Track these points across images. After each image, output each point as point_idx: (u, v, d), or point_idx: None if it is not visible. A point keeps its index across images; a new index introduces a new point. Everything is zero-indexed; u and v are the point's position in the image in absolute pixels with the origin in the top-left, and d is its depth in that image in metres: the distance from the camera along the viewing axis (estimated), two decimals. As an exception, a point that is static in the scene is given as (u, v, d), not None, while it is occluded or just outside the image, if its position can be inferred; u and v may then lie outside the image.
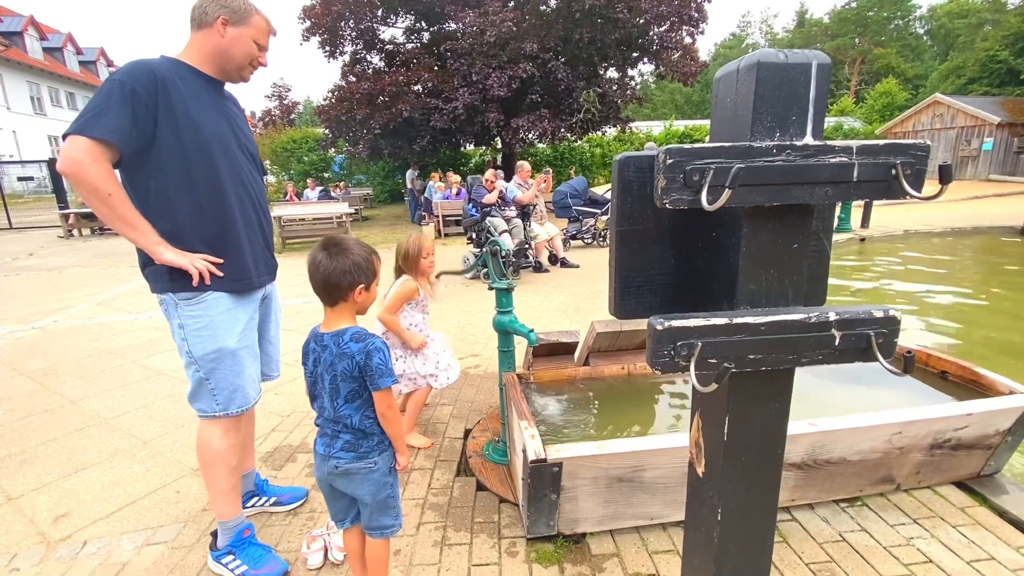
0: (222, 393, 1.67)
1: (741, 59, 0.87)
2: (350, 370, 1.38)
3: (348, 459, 1.41)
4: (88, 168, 1.42)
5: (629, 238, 1.01)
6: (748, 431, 0.98)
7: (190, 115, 1.54)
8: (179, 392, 3.33)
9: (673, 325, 0.85)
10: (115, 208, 1.48)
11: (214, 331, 1.63)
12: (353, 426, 1.41)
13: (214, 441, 1.71)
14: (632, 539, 1.85)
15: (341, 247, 1.42)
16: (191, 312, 1.61)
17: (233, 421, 1.73)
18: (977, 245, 8.86)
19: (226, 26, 1.61)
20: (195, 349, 1.63)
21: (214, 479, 1.73)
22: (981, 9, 35.87)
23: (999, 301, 5.59)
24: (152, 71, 1.49)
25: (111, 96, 1.44)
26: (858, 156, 0.84)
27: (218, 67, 1.67)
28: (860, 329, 0.90)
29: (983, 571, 1.68)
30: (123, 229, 1.51)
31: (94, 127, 1.42)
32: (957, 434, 1.92)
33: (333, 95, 13.93)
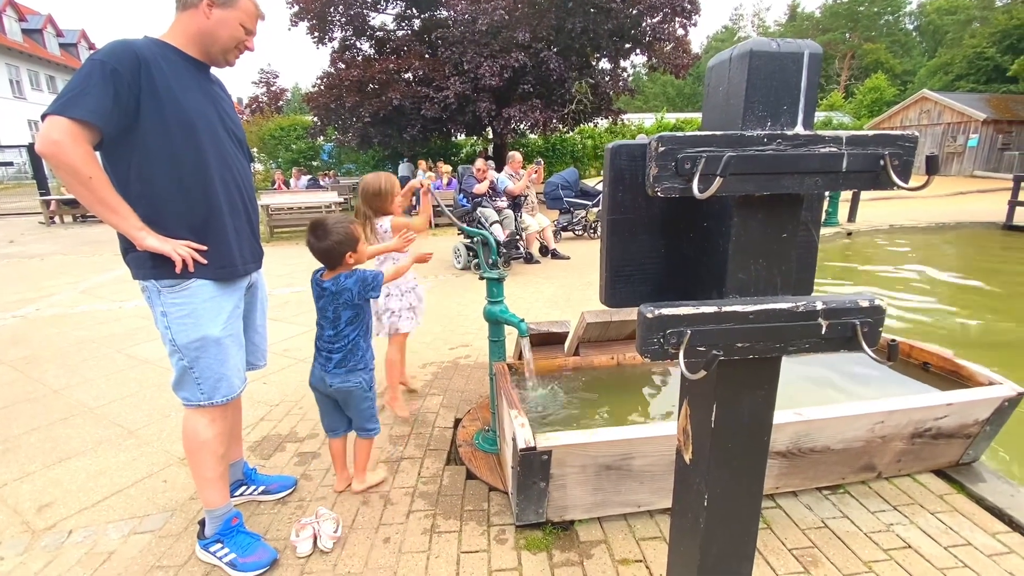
0: (207, 382, 1.65)
1: (734, 48, 0.87)
2: (350, 300, 1.85)
3: (337, 377, 1.91)
4: (68, 150, 1.38)
5: (620, 227, 1.01)
6: (735, 418, 1.00)
7: (174, 96, 1.50)
8: (165, 381, 3.30)
9: (663, 313, 0.86)
10: (95, 191, 1.44)
11: (198, 319, 1.60)
12: (349, 343, 1.89)
13: (200, 430, 1.69)
14: (619, 526, 1.87)
15: (324, 229, 1.82)
16: (174, 299, 1.58)
17: (219, 410, 1.71)
18: (961, 240, 9.01)
19: (212, 7, 1.57)
20: (178, 337, 1.60)
21: (201, 468, 1.72)
22: (970, 6, 36.20)
23: (982, 294, 5.70)
24: (134, 51, 1.44)
25: (91, 76, 1.39)
26: (847, 146, 0.84)
27: (203, 49, 1.62)
28: (846, 318, 0.91)
29: (960, 556, 1.73)
30: (104, 213, 1.48)
31: (74, 107, 1.37)
32: (937, 423, 1.97)
33: (322, 82, 13.73)
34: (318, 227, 1.83)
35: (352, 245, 1.84)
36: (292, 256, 7.91)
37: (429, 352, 3.66)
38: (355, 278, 1.86)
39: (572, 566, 1.70)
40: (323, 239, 1.81)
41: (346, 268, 1.88)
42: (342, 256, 1.84)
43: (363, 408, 2.00)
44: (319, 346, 1.96)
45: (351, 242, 1.83)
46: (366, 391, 1.97)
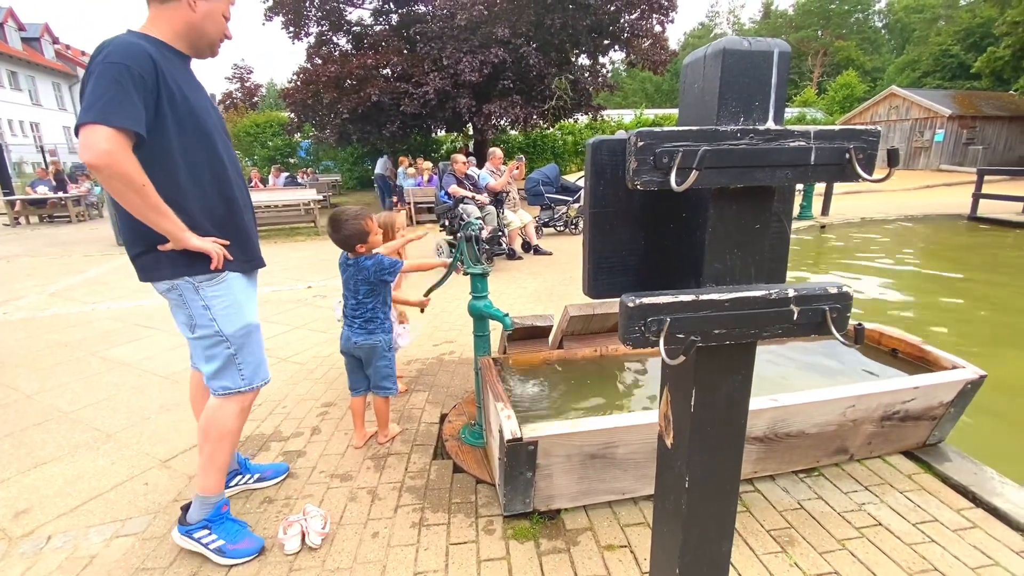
0: (248, 367, 1.72)
1: (708, 46, 0.91)
2: (368, 277, 2.19)
3: (361, 336, 2.25)
4: (121, 159, 1.36)
5: (602, 220, 1.04)
6: (713, 403, 1.04)
7: (187, 98, 1.52)
8: (143, 384, 3.24)
9: (644, 302, 0.89)
10: (148, 197, 1.43)
11: (240, 308, 1.67)
12: (367, 310, 2.24)
13: (228, 419, 1.73)
14: (604, 513, 1.92)
15: (337, 224, 2.14)
16: (215, 292, 1.63)
17: (251, 397, 1.78)
18: (928, 231, 9.33)
19: (197, 1, 1.56)
20: (225, 327, 1.65)
21: (217, 456, 1.74)
22: (936, 4, 37.30)
23: (948, 282, 5.92)
24: (148, 54, 1.43)
25: (123, 83, 1.37)
26: (815, 140, 0.89)
27: (190, 44, 1.62)
28: (816, 304, 0.96)
29: (927, 532, 1.81)
30: (153, 218, 1.47)
31: (116, 116, 1.35)
32: (905, 406, 2.05)
33: (298, 78, 13.50)
34: (334, 220, 2.14)
35: (362, 238, 2.15)
36: (271, 255, 7.73)
37: (413, 349, 3.66)
38: (374, 260, 2.18)
39: (559, 553, 1.74)
40: (337, 232, 2.15)
41: (362, 252, 2.19)
42: (353, 247, 2.17)
43: (381, 366, 2.30)
44: (346, 312, 2.31)
45: (360, 235, 2.14)
46: (385, 350, 2.29)
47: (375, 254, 2.24)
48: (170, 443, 2.54)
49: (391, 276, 2.20)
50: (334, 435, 2.55)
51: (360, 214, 2.16)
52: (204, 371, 1.71)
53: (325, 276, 6.30)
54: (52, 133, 28.63)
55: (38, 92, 28.70)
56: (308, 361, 3.54)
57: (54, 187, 13.33)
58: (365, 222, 2.14)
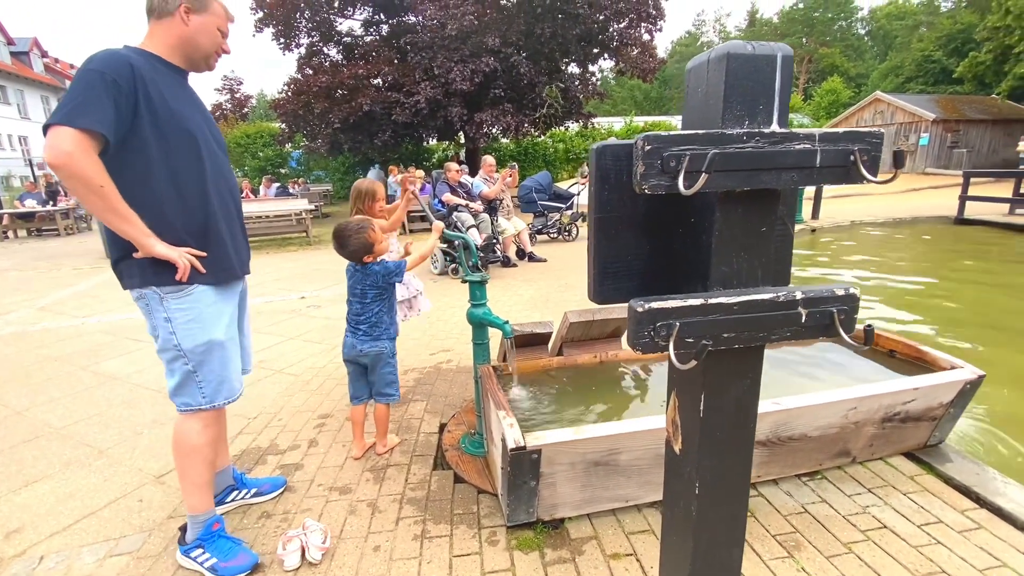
0: (209, 385, 1.67)
1: (711, 50, 0.91)
2: (375, 282, 2.22)
3: (365, 342, 2.25)
4: (80, 159, 1.36)
5: (606, 225, 1.03)
6: (722, 407, 1.03)
7: (169, 106, 1.52)
8: (135, 398, 3.19)
9: (652, 307, 0.89)
10: (107, 199, 1.42)
11: (203, 323, 1.63)
12: (373, 316, 2.25)
13: (192, 436, 1.70)
14: (609, 521, 1.90)
15: (342, 239, 2.18)
16: (179, 305, 1.59)
17: (214, 415, 1.73)
18: (917, 234, 9.44)
19: (189, 14, 1.59)
20: (184, 342, 1.61)
21: (190, 473, 1.71)
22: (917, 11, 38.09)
23: (940, 283, 5.98)
24: (128, 62, 1.45)
25: (93, 86, 1.39)
26: (820, 143, 0.89)
27: (185, 57, 1.64)
28: (824, 307, 0.96)
29: (932, 533, 1.81)
30: (115, 222, 1.47)
31: (80, 117, 1.36)
32: (905, 407, 2.06)
33: (289, 88, 13.51)
34: (339, 235, 2.19)
35: (367, 250, 2.19)
36: (263, 266, 7.73)
37: (410, 358, 3.63)
38: (381, 267, 2.22)
39: (564, 563, 1.71)
40: (343, 247, 2.19)
41: (369, 260, 2.23)
42: (360, 259, 2.22)
43: (385, 372, 2.30)
44: (349, 320, 2.30)
45: (365, 248, 2.19)
46: (389, 357, 2.30)
47: (381, 260, 2.26)
48: (163, 458, 2.49)
49: (398, 278, 2.25)
50: (332, 447, 2.52)
51: (363, 227, 2.18)
52: (167, 385, 1.69)
53: (318, 286, 6.26)
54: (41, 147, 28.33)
55: (27, 105, 28.48)
56: (303, 372, 3.50)
57: (44, 200, 13.19)
58: (368, 234, 2.17)
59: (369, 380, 2.35)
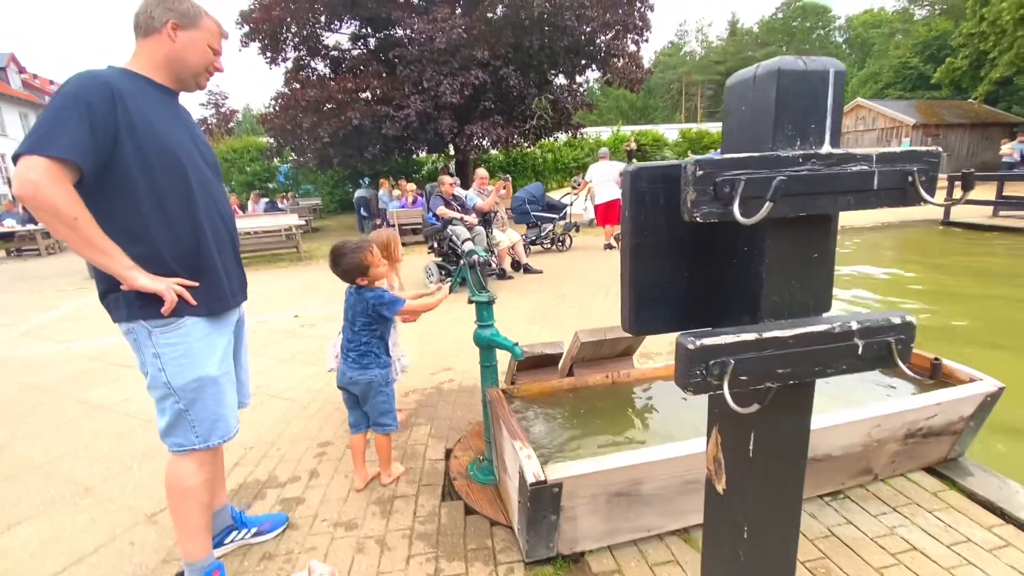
0: (202, 424, 1.57)
1: (757, 66, 0.85)
2: (366, 309, 2.12)
3: (354, 370, 2.15)
4: (47, 190, 1.27)
5: (643, 251, 0.97)
6: (773, 445, 0.96)
7: (152, 128, 1.42)
8: (124, 430, 3.05)
9: (705, 344, 0.82)
10: (81, 232, 1.33)
11: (193, 359, 1.52)
12: (361, 344, 2.15)
13: (187, 477, 1.59)
14: (631, 553, 1.82)
15: (337, 258, 2.11)
16: (168, 340, 1.49)
17: (209, 454, 1.62)
18: (906, 237, 9.55)
19: (176, 31, 1.51)
20: (174, 379, 1.51)
21: (185, 518, 1.60)
22: (892, 19, 39.09)
23: (931, 288, 6.01)
24: (106, 82, 1.35)
25: (63, 110, 1.30)
26: (878, 164, 0.83)
27: (173, 75, 1.56)
28: (880, 336, 0.90)
29: (963, 554, 1.75)
30: (92, 254, 1.37)
31: (49, 145, 1.27)
32: (928, 423, 2.01)
33: (277, 103, 13.39)
34: (334, 254, 2.12)
35: (362, 271, 2.10)
36: (253, 283, 7.54)
37: (411, 379, 3.53)
38: (375, 294, 2.11)
39: (588, 601, 1.63)
40: (336, 265, 2.12)
41: (364, 283, 2.14)
42: (353, 279, 2.13)
43: (379, 401, 2.20)
44: (342, 345, 2.23)
45: (359, 268, 2.09)
46: (382, 385, 2.19)
47: (378, 287, 2.17)
48: (156, 495, 2.36)
49: (389, 312, 2.12)
50: (334, 478, 2.41)
51: (360, 247, 2.11)
52: (158, 425, 1.59)
53: (312, 304, 6.13)
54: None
55: (4, 123, 27.94)
56: (300, 396, 3.38)
57: (24, 219, 12.88)
58: (364, 255, 2.08)
59: (364, 409, 2.25)
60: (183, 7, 1.51)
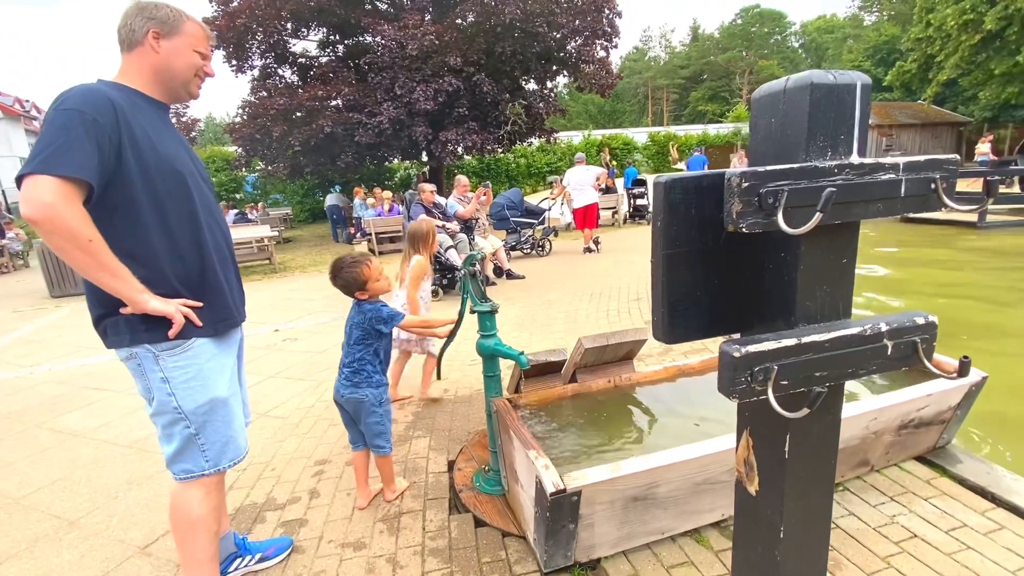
0: (212, 448, 1.52)
1: (786, 79, 0.88)
2: (362, 323, 2.11)
3: (346, 388, 2.13)
4: (64, 212, 1.21)
5: (676, 261, 0.98)
6: (807, 446, 0.99)
7: (154, 145, 1.38)
8: (104, 456, 2.91)
9: (750, 351, 0.83)
10: (97, 256, 1.27)
11: (204, 380, 1.47)
12: (355, 360, 2.12)
13: (194, 506, 1.53)
14: (646, 556, 1.83)
15: (336, 272, 2.10)
16: (177, 363, 1.44)
17: (217, 479, 1.57)
18: (867, 233, 9.94)
19: (159, 40, 1.45)
20: (185, 403, 1.45)
21: (192, 549, 1.54)
22: (844, 25, 40.83)
23: (893, 279, 6.28)
24: (108, 99, 1.30)
25: (72, 128, 1.23)
26: (904, 172, 0.87)
27: (163, 86, 1.50)
28: (907, 337, 0.93)
29: (961, 539, 1.83)
30: (104, 279, 1.31)
31: (61, 164, 1.20)
32: (919, 413, 2.09)
33: (244, 111, 13.08)
34: (333, 268, 2.12)
35: (360, 285, 2.09)
36: (228, 298, 7.34)
37: (404, 388, 3.48)
38: (374, 307, 2.11)
39: (609, 608, 1.63)
40: (335, 278, 2.12)
41: (364, 297, 2.13)
42: (352, 293, 2.12)
43: (372, 422, 2.15)
44: (340, 361, 2.20)
45: (357, 282, 2.08)
46: (375, 405, 2.14)
47: (378, 300, 2.15)
48: (147, 525, 2.26)
49: (386, 327, 2.11)
50: (336, 496, 2.35)
51: (357, 261, 2.09)
52: (164, 452, 1.52)
53: (291, 317, 5.99)
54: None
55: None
56: (291, 414, 3.29)
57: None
58: (361, 269, 2.07)
59: (360, 428, 2.20)
60: (161, 14, 1.45)
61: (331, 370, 4.03)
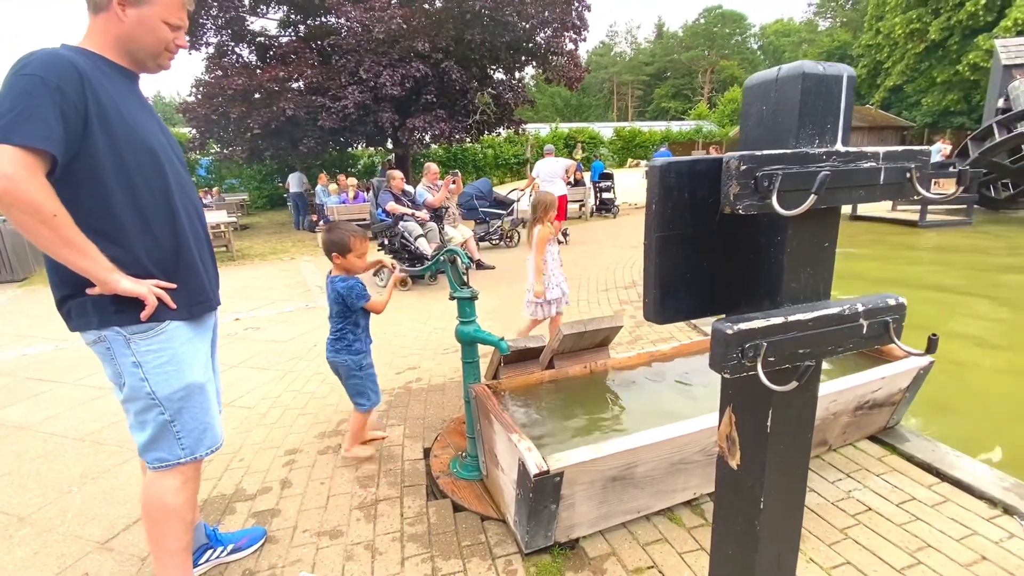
0: (189, 435, 1.46)
1: (778, 68, 0.91)
2: (335, 298, 2.28)
3: (330, 353, 2.36)
4: (25, 184, 1.12)
5: (669, 244, 1.01)
6: (787, 420, 1.04)
7: (123, 117, 1.29)
8: (53, 450, 2.75)
9: (742, 328, 0.87)
10: (61, 231, 1.19)
11: (179, 365, 1.41)
12: (336, 330, 2.34)
13: (170, 496, 1.47)
14: (622, 535, 1.88)
15: (331, 228, 2.29)
16: (150, 346, 1.37)
17: (194, 468, 1.52)
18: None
19: (125, 8, 1.35)
20: (159, 389, 1.39)
21: (165, 540, 1.49)
22: (800, 29, 42.40)
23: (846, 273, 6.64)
24: (74, 65, 1.21)
25: (34, 95, 1.14)
26: (883, 161, 0.92)
27: (129, 56, 1.41)
28: (880, 317, 0.99)
29: (910, 510, 1.97)
30: (70, 256, 1.22)
31: (20, 132, 1.12)
32: (873, 395, 2.23)
33: (198, 91, 12.45)
34: (330, 224, 2.37)
35: (339, 249, 2.23)
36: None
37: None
38: (346, 283, 2.26)
39: (589, 585, 1.67)
40: (327, 234, 2.28)
41: (339, 267, 2.29)
42: (330, 255, 2.26)
43: (351, 383, 2.39)
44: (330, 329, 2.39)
45: (338, 245, 2.23)
46: (354, 369, 2.35)
47: (351, 277, 2.30)
48: (105, 519, 2.16)
49: (352, 303, 2.28)
50: (309, 485, 2.31)
51: (355, 231, 2.27)
52: (135, 440, 1.46)
53: (252, 306, 5.80)
54: None
55: None
56: (257, 404, 3.20)
57: None
58: (351, 238, 2.24)
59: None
60: None
61: (297, 360, 3.94)
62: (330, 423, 2.86)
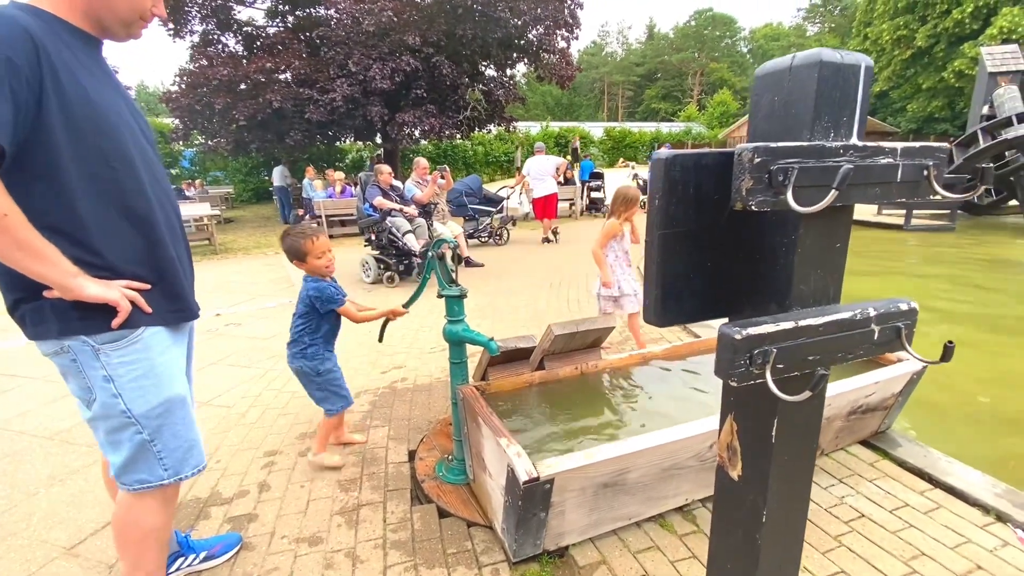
0: (172, 455, 1.31)
1: (792, 56, 0.85)
2: (304, 298, 2.19)
3: (288, 358, 2.26)
4: None
5: (672, 241, 0.95)
6: (792, 430, 0.99)
7: (86, 94, 1.12)
8: (20, 450, 2.62)
9: (750, 333, 0.81)
10: (13, 232, 1.03)
11: (158, 378, 1.26)
12: (295, 331, 2.23)
13: (147, 518, 1.34)
14: (612, 543, 1.83)
15: (284, 235, 2.19)
16: (123, 357, 1.22)
17: (175, 489, 1.38)
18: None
19: None
20: (135, 406, 1.24)
21: (138, 560, 1.38)
22: (789, 34, 42.85)
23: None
24: (25, 30, 1.03)
25: None
26: (902, 157, 0.87)
27: (94, 20, 1.21)
28: (892, 322, 0.94)
29: (904, 517, 1.94)
30: (24, 261, 1.07)
31: None
32: (866, 400, 2.20)
33: (183, 80, 12.16)
34: (284, 231, 2.22)
35: (296, 255, 2.15)
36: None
37: (360, 378, 3.35)
38: (316, 286, 2.18)
39: (578, 596, 1.61)
40: (281, 241, 2.19)
41: (303, 269, 2.21)
42: (291, 260, 2.20)
43: (310, 390, 2.31)
44: None
45: (294, 252, 2.15)
46: (312, 376, 2.25)
47: (323, 280, 2.22)
48: (72, 523, 2.05)
49: (322, 306, 2.19)
50: (288, 489, 2.22)
51: (304, 233, 2.15)
52: (110, 460, 1.31)
53: (233, 301, 5.65)
54: None
55: None
56: (236, 403, 3.09)
57: None
58: (303, 242, 2.13)
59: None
60: None
61: (278, 358, 3.82)
62: (312, 424, 2.76)
